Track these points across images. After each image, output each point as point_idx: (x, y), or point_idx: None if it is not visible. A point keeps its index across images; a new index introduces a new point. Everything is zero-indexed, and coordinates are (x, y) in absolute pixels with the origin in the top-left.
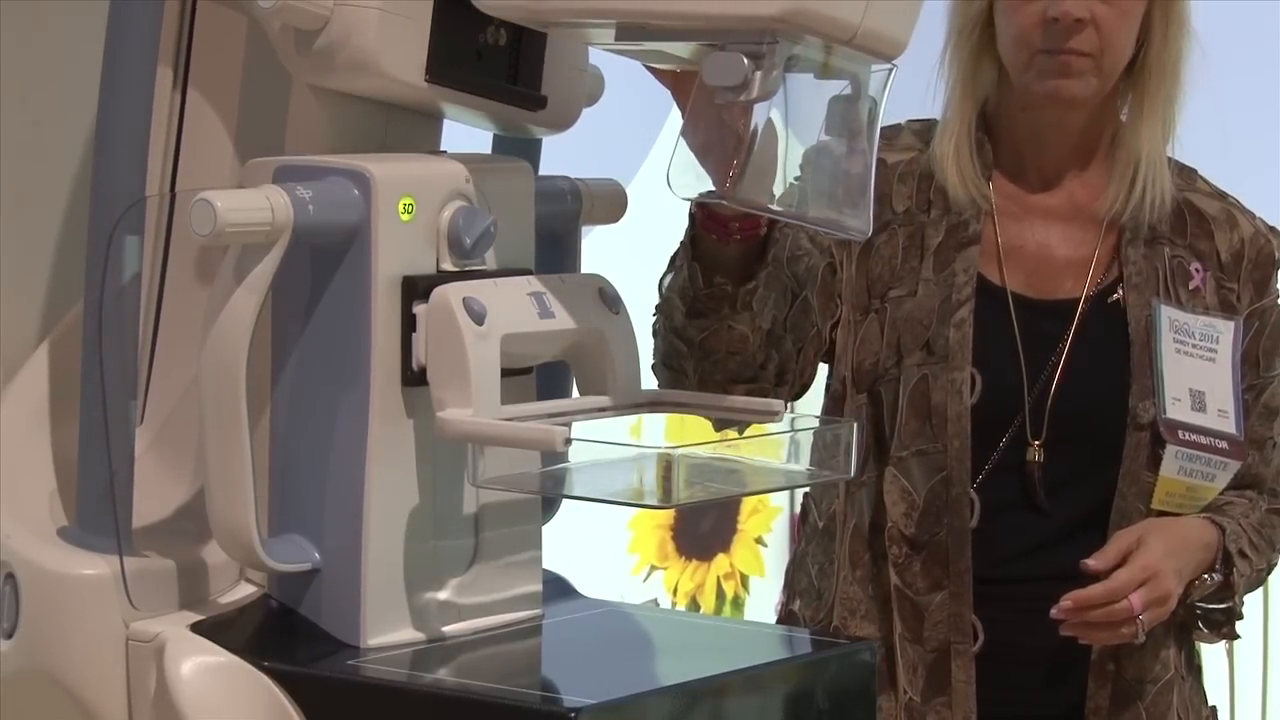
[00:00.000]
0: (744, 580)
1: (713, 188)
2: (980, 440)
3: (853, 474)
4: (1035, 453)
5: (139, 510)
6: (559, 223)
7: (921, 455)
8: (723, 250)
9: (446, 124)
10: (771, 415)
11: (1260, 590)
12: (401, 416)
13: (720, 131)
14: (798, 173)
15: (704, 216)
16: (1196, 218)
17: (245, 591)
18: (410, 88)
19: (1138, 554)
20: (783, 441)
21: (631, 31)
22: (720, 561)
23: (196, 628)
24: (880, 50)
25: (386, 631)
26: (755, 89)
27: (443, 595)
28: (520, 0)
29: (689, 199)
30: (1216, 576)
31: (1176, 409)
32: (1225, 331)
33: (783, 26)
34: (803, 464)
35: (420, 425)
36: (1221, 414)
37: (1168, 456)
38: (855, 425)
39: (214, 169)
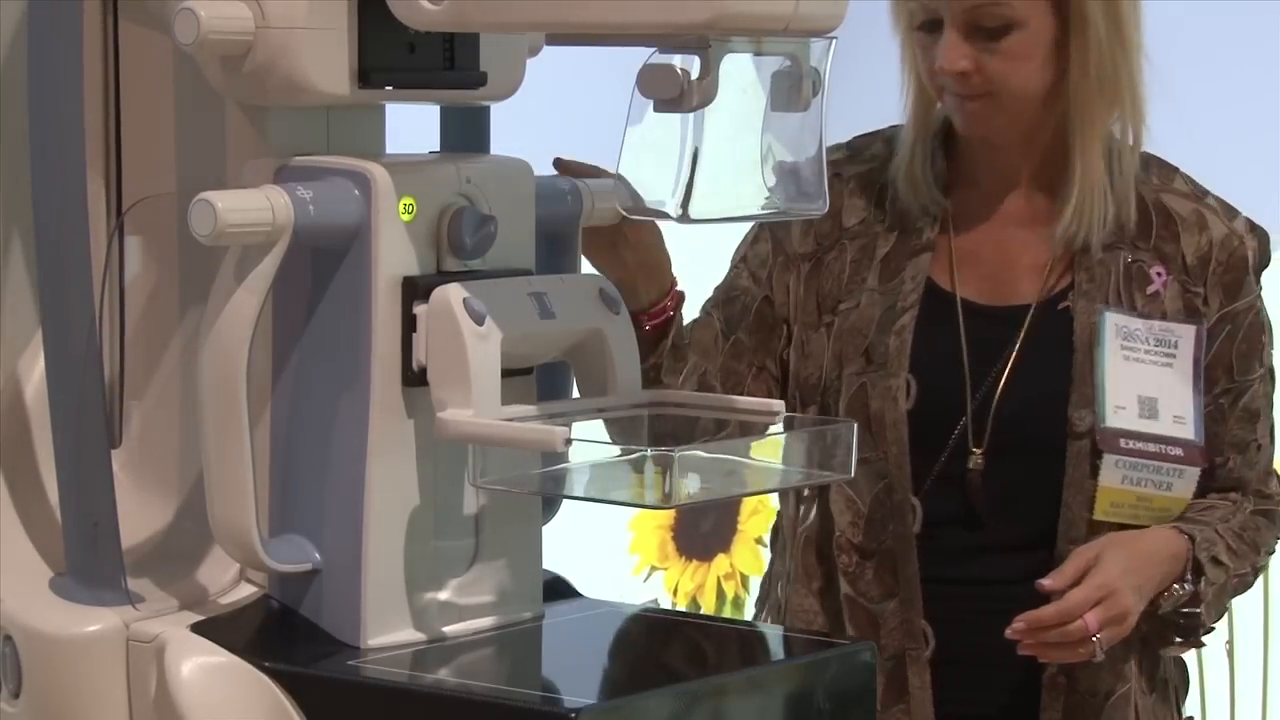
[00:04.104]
0: (744, 580)
1: (661, 202)
2: (922, 447)
3: (851, 474)
4: (977, 460)
5: (128, 522)
6: (559, 223)
7: (864, 463)
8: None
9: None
10: (771, 416)
11: (1260, 590)
12: (401, 417)
13: (662, 145)
14: (748, 168)
15: None
16: (1164, 219)
17: (245, 592)
18: (346, 96)
19: (1094, 572)
20: (782, 442)
21: (561, 38)
22: (720, 562)
23: (196, 628)
24: (816, 30)
25: (387, 632)
26: (695, 98)
27: (443, 595)
28: (446, 15)
29: (640, 217)
30: (1188, 586)
31: (1120, 417)
32: (1185, 336)
33: (714, 31)
34: (802, 464)
35: (420, 425)
36: (1178, 420)
37: (1106, 466)
38: (854, 425)
39: (158, 185)
